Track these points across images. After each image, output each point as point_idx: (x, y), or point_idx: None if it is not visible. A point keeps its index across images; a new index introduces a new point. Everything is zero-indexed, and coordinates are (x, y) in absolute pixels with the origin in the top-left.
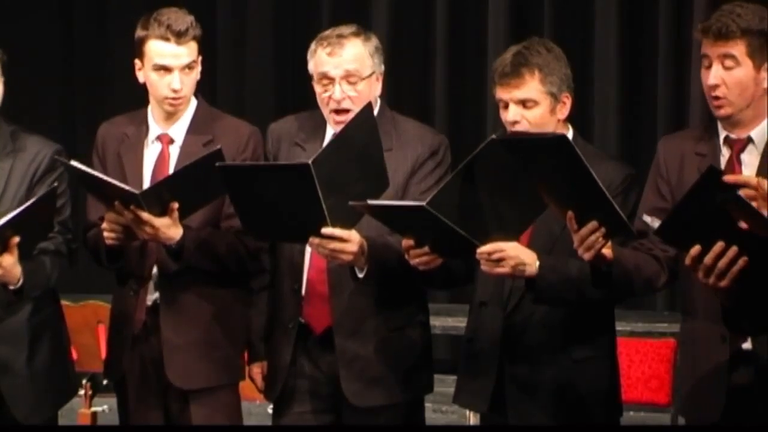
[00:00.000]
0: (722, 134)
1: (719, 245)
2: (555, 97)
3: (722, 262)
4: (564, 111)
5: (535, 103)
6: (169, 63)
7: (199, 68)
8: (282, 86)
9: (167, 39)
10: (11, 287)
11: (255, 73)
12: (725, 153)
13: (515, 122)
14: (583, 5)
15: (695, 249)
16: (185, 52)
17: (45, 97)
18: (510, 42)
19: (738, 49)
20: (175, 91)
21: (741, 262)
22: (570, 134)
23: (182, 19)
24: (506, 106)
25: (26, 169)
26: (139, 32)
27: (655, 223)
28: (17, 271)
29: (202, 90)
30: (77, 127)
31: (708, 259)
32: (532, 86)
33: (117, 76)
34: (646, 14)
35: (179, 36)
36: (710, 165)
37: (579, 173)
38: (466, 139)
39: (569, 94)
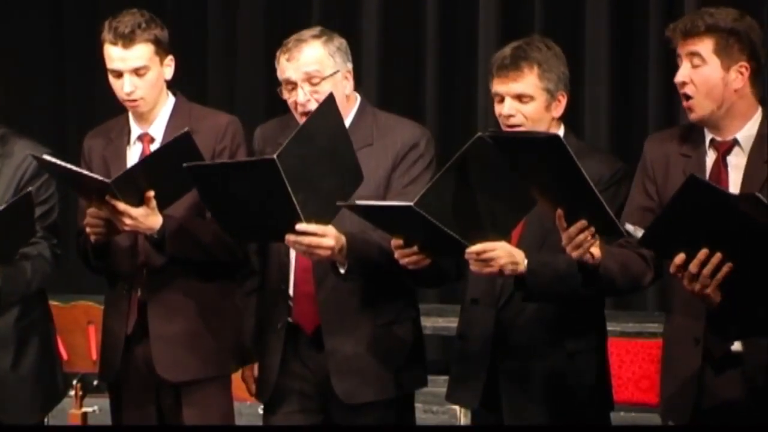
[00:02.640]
0: (708, 136)
1: (703, 252)
2: (551, 94)
3: (707, 269)
4: (559, 109)
5: (531, 98)
6: (117, 67)
7: (159, 69)
8: (272, 88)
9: (114, 43)
10: None
11: (245, 75)
12: (711, 155)
13: (510, 116)
14: (573, 5)
15: (680, 257)
16: (132, 56)
17: (36, 99)
18: (500, 43)
19: (704, 46)
20: (126, 93)
21: (725, 268)
22: (562, 131)
23: (132, 22)
24: (502, 100)
25: (13, 174)
26: (101, 35)
27: (638, 232)
28: None
29: (192, 90)
30: (68, 128)
31: (693, 266)
32: (529, 81)
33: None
34: (636, 14)
35: (125, 39)
36: (691, 174)
37: (570, 173)
38: (457, 138)
39: (565, 93)
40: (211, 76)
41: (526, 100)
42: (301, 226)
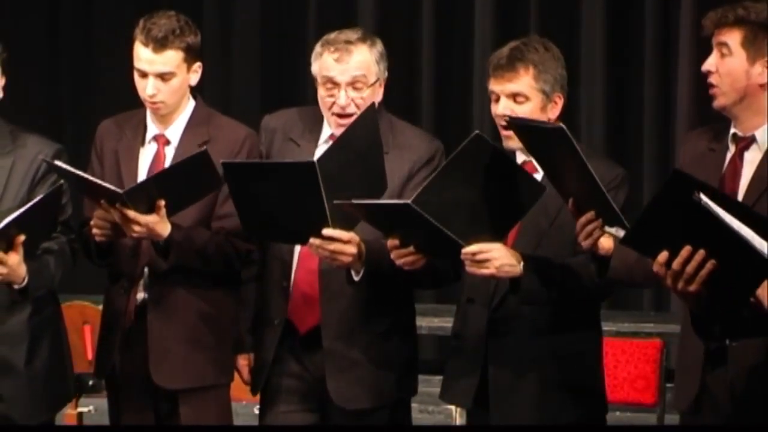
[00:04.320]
0: (731, 131)
1: (687, 250)
2: (547, 96)
3: (690, 267)
4: (555, 111)
5: (526, 98)
6: (144, 68)
7: (185, 76)
8: (268, 85)
9: (146, 45)
10: (16, 286)
11: (241, 71)
12: (731, 149)
13: (504, 116)
14: (569, 7)
15: (663, 255)
16: (161, 61)
17: (32, 97)
18: (496, 43)
19: (731, 37)
20: (149, 96)
21: (709, 265)
22: None
23: (166, 26)
24: (497, 99)
25: (27, 169)
26: (134, 32)
27: (620, 232)
28: (22, 270)
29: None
30: (65, 127)
31: (676, 264)
32: (524, 81)
33: (105, 76)
34: (632, 15)
35: (156, 43)
36: (674, 168)
37: (575, 164)
38: (452, 139)
39: (562, 94)
40: (206, 75)
41: (520, 100)
42: (328, 231)
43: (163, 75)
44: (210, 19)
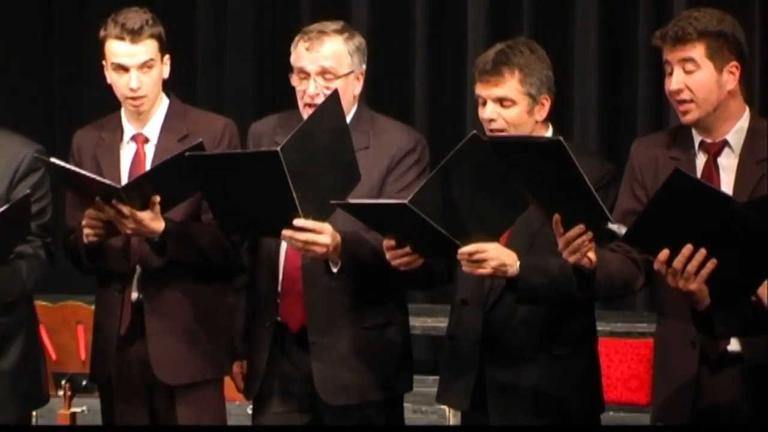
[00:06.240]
0: (697, 139)
1: (688, 248)
2: (533, 99)
3: (691, 265)
4: (542, 113)
5: (513, 102)
6: (124, 62)
7: (161, 66)
8: (262, 86)
9: (122, 38)
10: None
11: (235, 72)
12: (701, 157)
13: (491, 120)
14: (562, 6)
15: (663, 253)
16: (141, 51)
17: (24, 99)
18: (490, 43)
19: (697, 51)
20: (132, 90)
21: (710, 264)
22: (549, 134)
23: (138, 17)
24: (484, 103)
25: (7, 168)
26: (101, 33)
27: (621, 229)
28: None
29: (181, 89)
30: (56, 129)
31: (677, 262)
32: (510, 85)
33: (97, 78)
34: (625, 15)
35: (133, 34)
36: (675, 168)
37: (569, 177)
38: (446, 139)
39: (549, 96)
40: (200, 77)
41: (507, 104)
42: (299, 222)
43: (146, 63)
44: (203, 19)
